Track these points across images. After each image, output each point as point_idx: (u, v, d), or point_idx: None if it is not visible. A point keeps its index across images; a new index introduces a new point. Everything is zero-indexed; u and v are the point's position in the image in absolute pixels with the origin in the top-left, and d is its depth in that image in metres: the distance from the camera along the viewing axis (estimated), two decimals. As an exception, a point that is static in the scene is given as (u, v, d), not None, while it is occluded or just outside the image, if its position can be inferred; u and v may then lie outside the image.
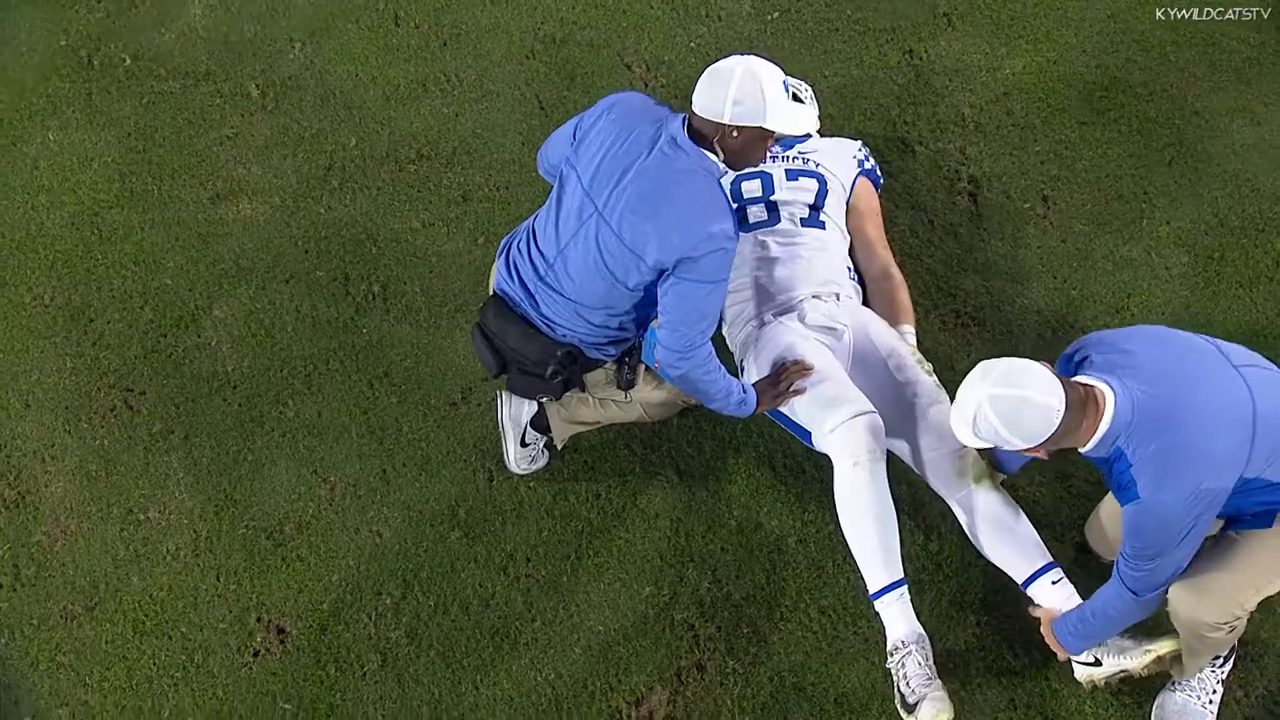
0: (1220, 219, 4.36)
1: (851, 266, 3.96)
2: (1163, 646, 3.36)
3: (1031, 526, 3.49)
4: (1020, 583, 3.49)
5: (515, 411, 3.80)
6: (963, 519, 3.54)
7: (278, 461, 4.01)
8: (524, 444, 3.85)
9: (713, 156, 3.31)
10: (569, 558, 3.81)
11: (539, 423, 3.81)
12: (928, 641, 3.34)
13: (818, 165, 4.05)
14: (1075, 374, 3.02)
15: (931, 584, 3.71)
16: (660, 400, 3.75)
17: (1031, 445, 2.90)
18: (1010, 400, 2.85)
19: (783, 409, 3.57)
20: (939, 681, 3.30)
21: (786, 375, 3.51)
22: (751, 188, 3.97)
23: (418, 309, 4.34)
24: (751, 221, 3.92)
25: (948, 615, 3.66)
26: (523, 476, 3.92)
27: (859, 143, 4.23)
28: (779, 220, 3.91)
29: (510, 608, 3.72)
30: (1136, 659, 3.38)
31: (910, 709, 3.28)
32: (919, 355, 3.74)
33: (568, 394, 3.67)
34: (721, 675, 3.60)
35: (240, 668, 3.64)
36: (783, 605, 3.67)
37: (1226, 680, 3.44)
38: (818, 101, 4.28)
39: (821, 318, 3.70)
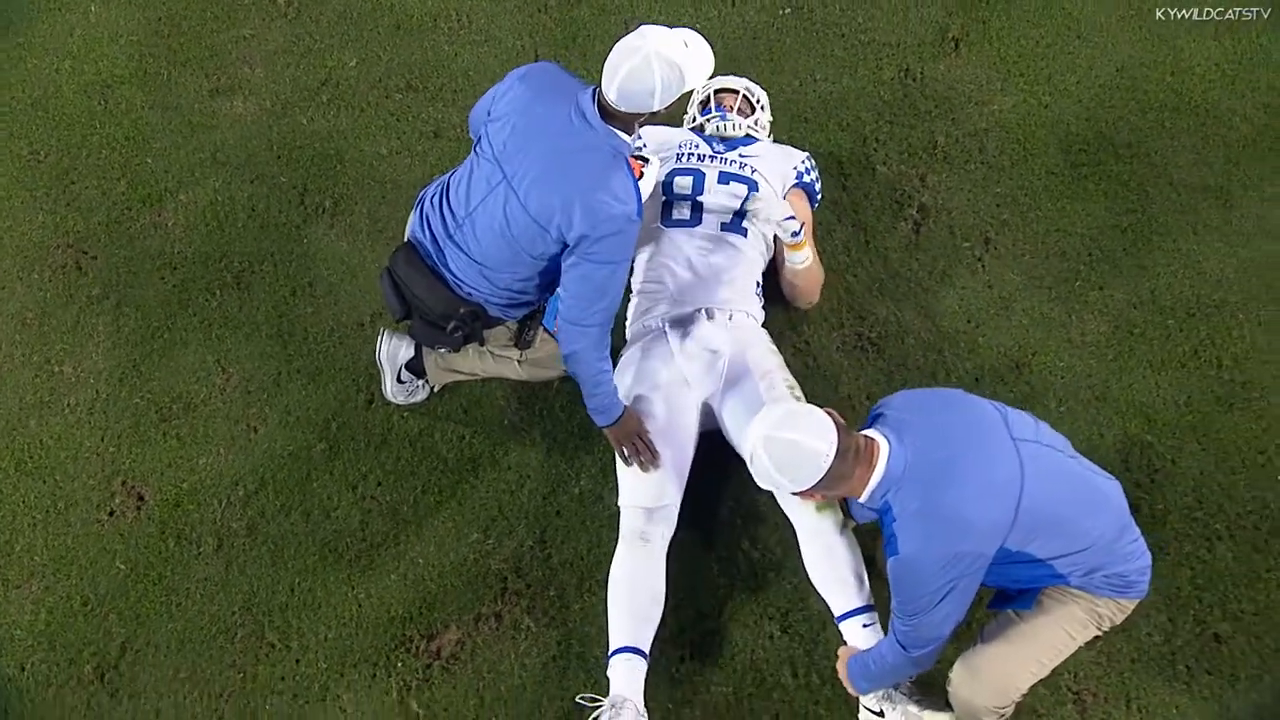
0: (1154, 295, 4.07)
1: (761, 282, 3.85)
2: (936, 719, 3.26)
3: (861, 565, 3.42)
4: (835, 616, 3.43)
5: (392, 352, 3.82)
6: (800, 543, 3.49)
7: (189, 345, 4.14)
8: (400, 380, 3.88)
9: (622, 135, 3.25)
10: (415, 490, 3.84)
11: (414, 365, 3.83)
12: (639, 709, 3.28)
13: (753, 171, 3.91)
14: (870, 426, 2.94)
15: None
16: (545, 362, 3.73)
17: (802, 489, 2.87)
18: (781, 443, 2.83)
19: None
20: None
21: (642, 452, 3.50)
22: (683, 184, 3.87)
23: (359, 230, 4.39)
24: (674, 217, 3.84)
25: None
26: (399, 407, 3.95)
27: (805, 154, 4.03)
28: (700, 222, 3.82)
29: (346, 524, 3.78)
30: None
31: None
32: (792, 382, 3.66)
33: (489, 346, 3.68)
34: (515, 629, 3.60)
35: (94, 523, 3.80)
36: (594, 579, 3.63)
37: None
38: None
39: (703, 339, 3.64)
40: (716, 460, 3.66)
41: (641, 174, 3.41)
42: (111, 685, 3.53)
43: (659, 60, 3.13)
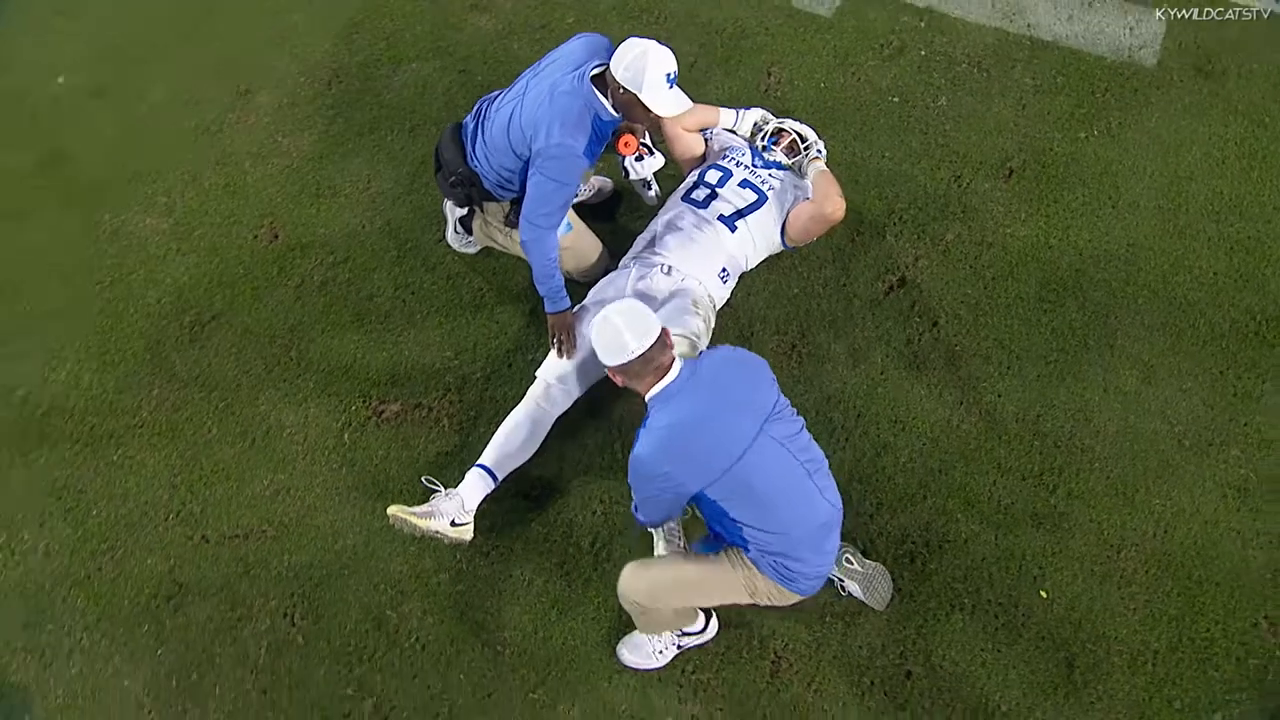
0: (1038, 419, 4.12)
1: (729, 270, 4.19)
2: None
3: None
4: None
5: (452, 206, 4.51)
6: None
7: (359, 155, 5.02)
8: (456, 231, 4.56)
9: (603, 100, 3.76)
10: (432, 307, 4.55)
11: (465, 221, 4.50)
12: (466, 506, 3.81)
13: (770, 188, 4.26)
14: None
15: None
16: None
17: (608, 365, 3.22)
18: (611, 325, 3.17)
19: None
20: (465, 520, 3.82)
21: (565, 344, 3.99)
22: (712, 177, 4.32)
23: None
24: (691, 196, 4.29)
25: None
26: (454, 251, 4.64)
27: None
28: (707, 207, 4.22)
29: (378, 308, 4.54)
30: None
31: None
32: (688, 336, 3.93)
33: (488, 216, 4.32)
34: (434, 423, 4.25)
35: (241, 238, 4.79)
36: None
37: (685, 651, 3.66)
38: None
39: (651, 285, 4.06)
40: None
41: (640, 155, 3.94)
42: (193, 335, 4.50)
43: (641, 50, 3.69)
